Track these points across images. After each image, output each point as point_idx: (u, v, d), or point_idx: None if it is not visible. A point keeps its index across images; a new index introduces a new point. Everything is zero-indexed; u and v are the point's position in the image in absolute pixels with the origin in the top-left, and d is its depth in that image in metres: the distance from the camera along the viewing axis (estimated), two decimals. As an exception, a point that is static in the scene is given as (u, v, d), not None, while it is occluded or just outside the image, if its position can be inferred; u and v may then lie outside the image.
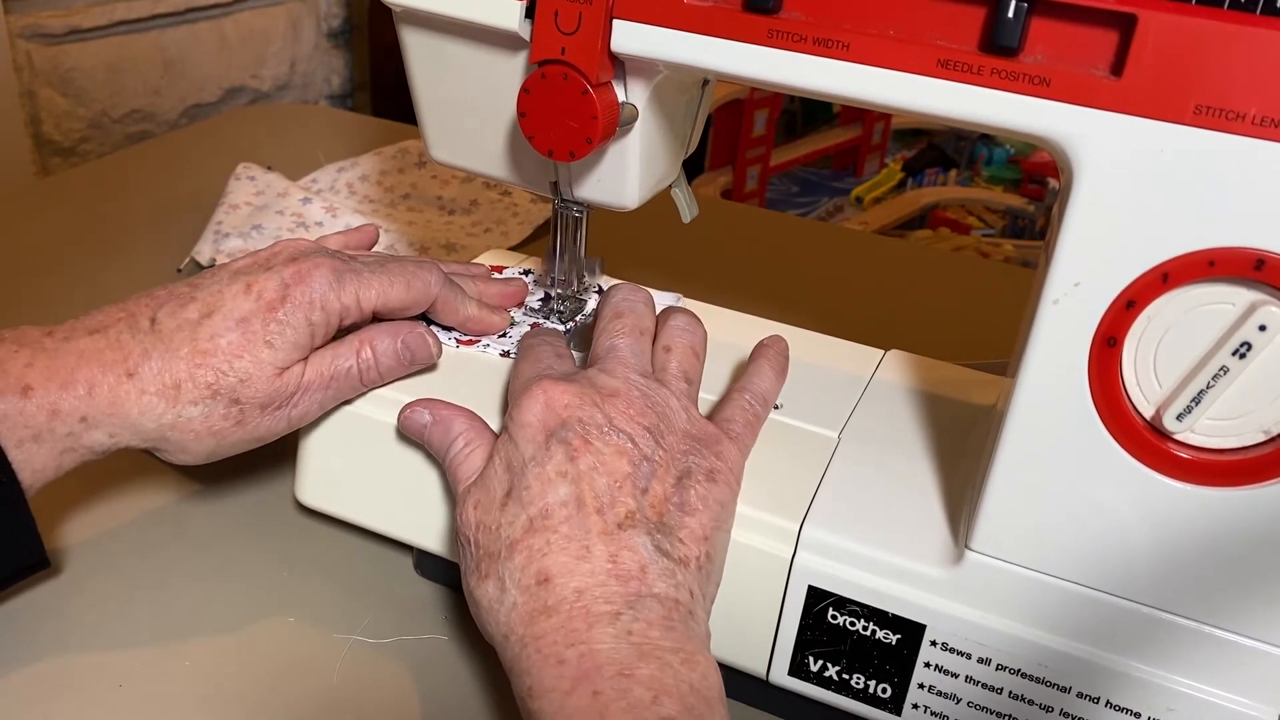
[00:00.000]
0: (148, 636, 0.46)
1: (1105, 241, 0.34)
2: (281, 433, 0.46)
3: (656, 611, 0.36)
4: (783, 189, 2.70)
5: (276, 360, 0.44)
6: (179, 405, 0.43)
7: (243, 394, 0.43)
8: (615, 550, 0.37)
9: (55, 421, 0.42)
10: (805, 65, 0.38)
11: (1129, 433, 0.36)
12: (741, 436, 0.44)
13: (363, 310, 0.46)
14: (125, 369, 0.43)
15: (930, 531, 0.42)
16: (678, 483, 0.40)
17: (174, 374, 0.43)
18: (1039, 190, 2.52)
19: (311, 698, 0.44)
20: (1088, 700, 0.39)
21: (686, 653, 0.35)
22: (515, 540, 0.38)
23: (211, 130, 1.04)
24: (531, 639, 0.36)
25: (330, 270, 0.45)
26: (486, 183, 0.86)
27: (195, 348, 0.43)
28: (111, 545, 0.51)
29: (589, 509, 0.38)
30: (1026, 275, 0.90)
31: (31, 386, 0.41)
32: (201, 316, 0.44)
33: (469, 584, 0.39)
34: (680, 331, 0.46)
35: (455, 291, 0.49)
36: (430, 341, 0.47)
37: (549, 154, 0.44)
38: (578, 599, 0.36)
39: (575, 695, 0.34)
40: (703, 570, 0.39)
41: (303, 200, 0.78)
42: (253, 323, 0.43)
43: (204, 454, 0.45)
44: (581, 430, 0.39)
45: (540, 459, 0.39)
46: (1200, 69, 0.32)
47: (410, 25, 0.48)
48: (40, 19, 1.32)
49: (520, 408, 0.41)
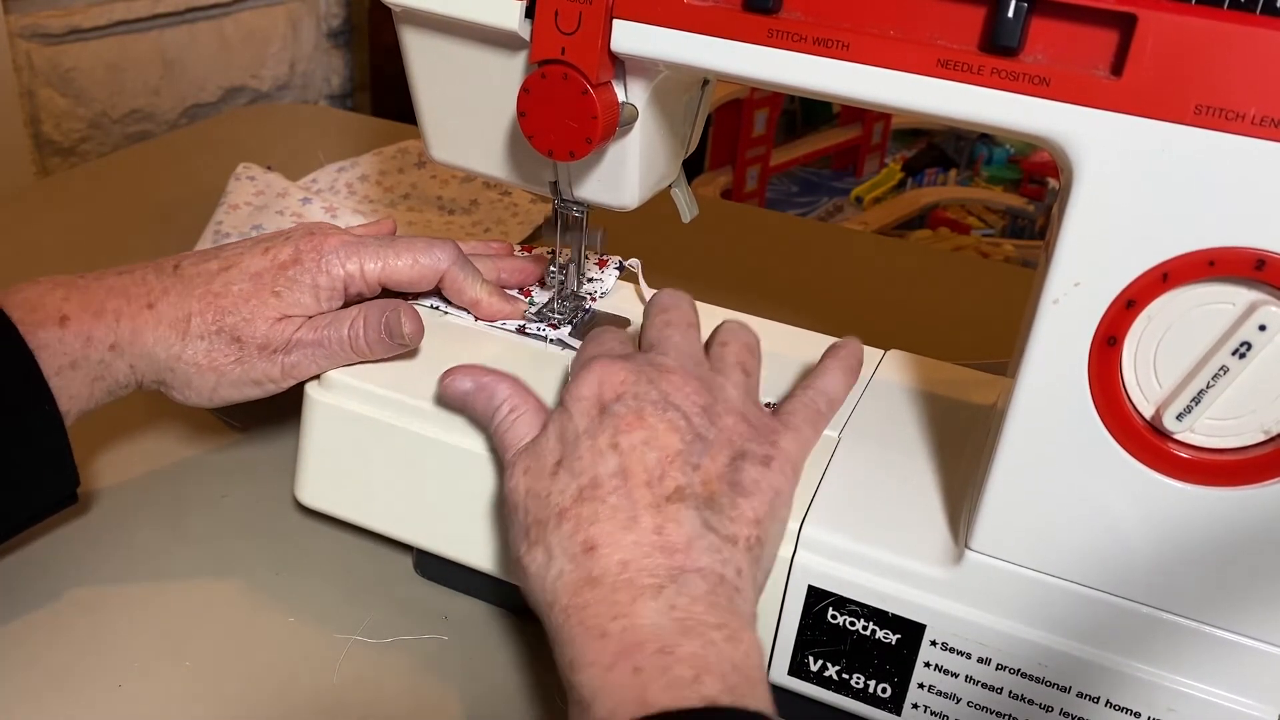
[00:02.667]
0: (148, 636, 0.46)
1: (1105, 241, 0.34)
2: (276, 379, 0.48)
3: (700, 587, 0.36)
4: (783, 189, 2.69)
5: (279, 308, 0.48)
6: (187, 338, 0.47)
7: (244, 333, 0.47)
8: (661, 522, 0.37)
9: (89, 349, 0.46)
10: (805, 65, 0.38)
11: (1129, 432, 0.36)
12: (801, 429, 0.43)
13: (366, 280, 0.49)
14: (147, 301, 0.47)
15: (930, 531, 0.42)
16: (731, 463, 0.40)
17: (186, 309, 0.47)
18: (1039, 190, 2.52)
19: (311, 698, 0.44)
20: (1088, 700, 0.39)
21: (731, 629, 0.35)
22: (564, 508, 0.38)
23: (211, 130, 1.04)
24: (575, 609, 0.36)
25: (340, 242, 0.49)
26: (486, 183, 0.86)
27: (209, 289, 0.48)
28: (111, 545, 0.51)
29: (638, 481, 0.38)
30: (1026, 275, 0.90)
31: (68, 316, 0.45)
32: (220, 269, 0.48)
33: (517, 551, 0.39)
34: (734, 330, 0.47)
35: (467, 272, 0.51)
36: (407, 321, 0.47)
37: (549, 154, 0.44)
38: (622, 571, 0.36)
39: (616, 671, 0.33)
40: (752, 552, 0.38)
41: (303, 200, 0.78)
42: (264, 277, 0.48)
43: (207, 391, 0.48)
44: (635, 405, 0.40)
45: (593, 431, 0.39)
46: (1200, 69, 0.32)
47: (410, 25, 0.48)
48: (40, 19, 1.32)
49: (577, 382, 0.41)
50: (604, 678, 0.33)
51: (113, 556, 0.50)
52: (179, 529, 0.52)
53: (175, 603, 0.48)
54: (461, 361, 0.49)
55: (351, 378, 0.48)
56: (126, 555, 0.50)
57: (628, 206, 0.49)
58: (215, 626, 0.47)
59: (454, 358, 0.50)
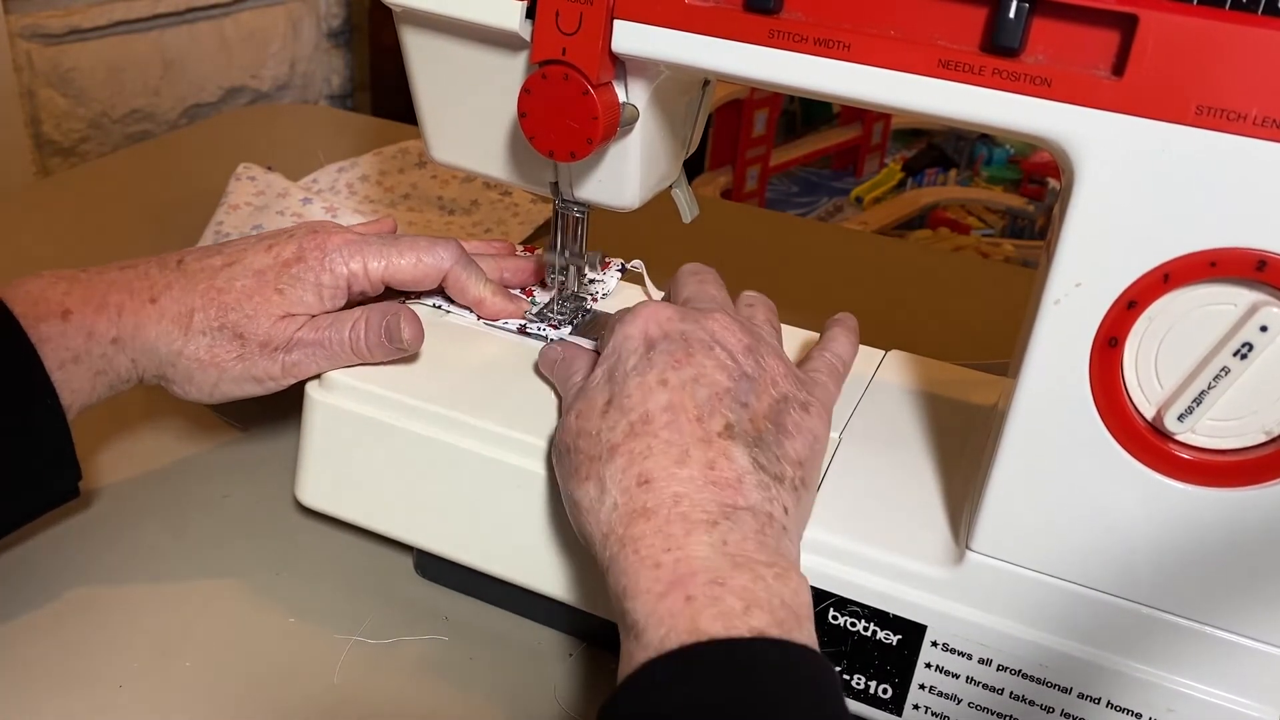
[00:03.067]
0: (148, 636, 0.46)
1: (1106, 242, 0.34)
2: (277, 377, 0.48)
3: (751, 525, 0.36)
4: (783, 189, 2.69)
5: (282, 305, 0.48)
6: (190, 333, 0.47)
7: (247, 329, 0.47)
8: (713, 458, 0.38)
9: (91, 343, 0.46)
10: (806, 65, 0.38)
11: (1130, 433, 0.36)
12: (827, 384, 0.45)
13: (370, 278, 0.49)
14: (149, 295, 0.47)
15: (931, 532, 0.42)
16: (774, 405, 0.40)
17: (189, 304, 0.47)
18: (1039, 190, 2.52)
19: (311, 698, 0.44)
20: (1089, 701, 0.39)
21: (780, 568, 0.35)
22: (616, 444, 0.38)
23: (211, 130, 1.04)
24: (630, 540, 0.36)
25: (343, 240, 0.49)
26: (486, 183, 0.86)
27: (212, 285, 0.48)
28: (111, 545, 0.51)
29: (689, 416, 0.38)
30: (1026, 275, 0.90)
31: (70, 310, 0.45)
32: (224, 265, 0.48)
33: (568, 488, 0.40)
34: (759, 296, 0.49)
35: (470, 271, 0.51)
36: (406, 327, 0.47)
37: (549, 154, 0.44)
38: (675, 504, 0.36)
39: (668, 599, 0.34)
40: (797, 493, 0.39)
41: (303, 200, 0.78)
42: (267, 274, 0.48)
43: (208, 386, 0.48)
44: (684, 342, 0.40)
45: (641, 368, 0.40)
46: (1201, 69, 0.32)
47: (410, 25, 0.48)
48: (40, 19, 1.32)
49: (624, 323, 0.42)
50: (656, 605, 0.34)
51: (112, 556, 0.50)
52: (179, 529, 0.52)
53: (175, 603, 0.48)
54: (461, 362, 0.50)
55: (352, 378, 0.48)
56: (126, 555, 0.50)
57: (628, 207, 0.49)
58: (215, 626, 0.47)
59: (454, 359, 0.50)
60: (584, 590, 0.45)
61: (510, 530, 0.45)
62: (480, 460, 0.45)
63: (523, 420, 0.45)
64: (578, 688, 0.46)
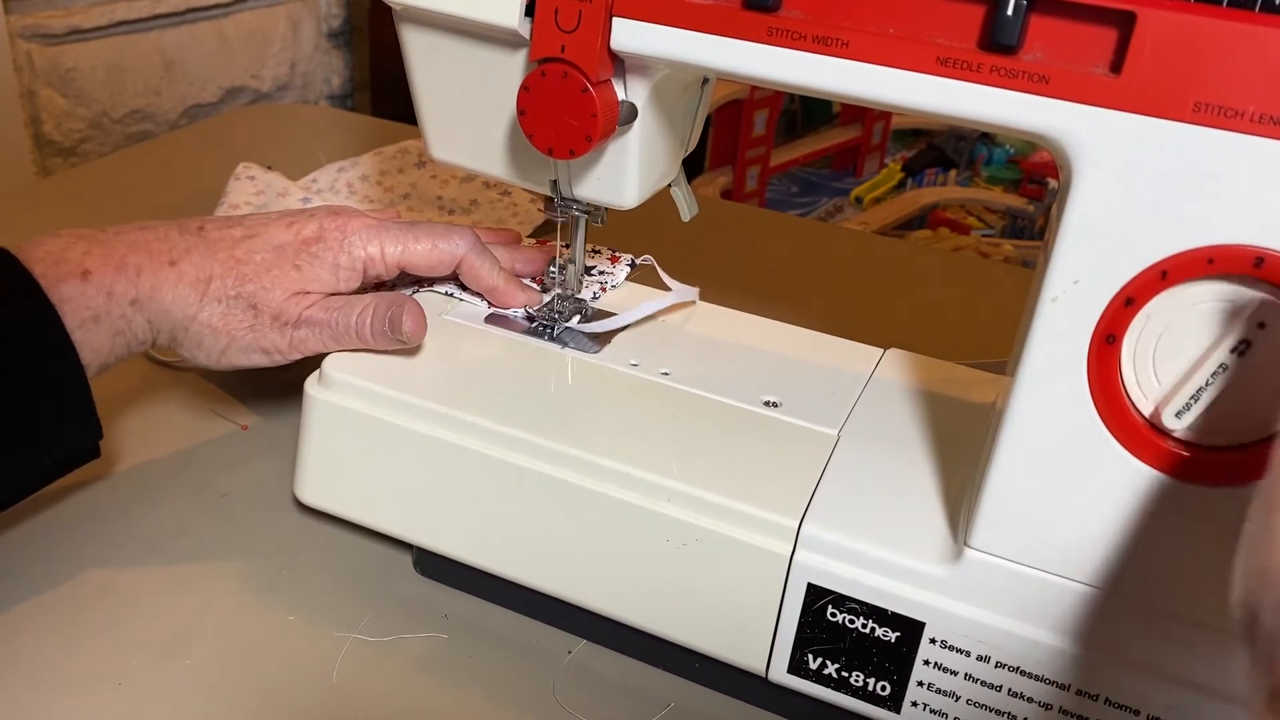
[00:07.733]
0: (148, 636, 0.46)
1: (1104, 239, 0.34)
2: (284, 351, 0.50)
3: None
4: (783, 189, 2.70)
5: (299, 282, 0.49)
6: (206, 299, 0.48)
7: (261, 301, 0.49)
8: None
9: (111, 303, 0.46)
10: (805, 63, 0.38)
11: (1128, 430, 0.36)
12: None
13: (386, 263, 0.51)
14: (169, 258, 0.48)
15: (929, 529, 0.42)
16: None
17: (208, 270, 0.48)
18: (1039, 190, 2.52)
19: (311, 697, 0.44)
20: (1087, 698, 0.39)
21: None
22: None
23: (211, 130, 1.04)
24: None
25: (363, 224, 0.51)
26: (486, 182, 0.86)
27: (232, 255, 0.49)
28: (111, 544, 0.51)
29: None
30: (1026, 275, 0.90)
31: (90, 270, 0.46)
32: (244, 236, 0.50)
33: None
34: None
35: (484, 259, 0.52)
36: (408, 319, 0.48)
37: (548, 152, 0.44)
38: None
39: None
40: None
41: (303, 200, 0.78)
42: (286, 250, 0.49)
43: (216, 353, 0.49)
44: None
45: None
46: (1199, 66, 0.32)
47: (410, 24, 0.48)
48: (40, 19, 1.32)
49: None
50: None
51: (112, 555, 0.50)
52: (178, 527, 0.52)
53: (175, 601, 0.48)
54: (461, 360, 0.50)
55: (352, 376, 0.48)
56: (125, 553, 0.50)
57: (627, 205, 0.49)
58: (215, 624, 0.47)
59: (454, 357, 0.50)
60: (584, 588, 0.45)
61: (510, 528, 0.45)
62: (480, 458, 0.45)
63: (523, 418, 0.45)
64: (577, 685, 0.46)
